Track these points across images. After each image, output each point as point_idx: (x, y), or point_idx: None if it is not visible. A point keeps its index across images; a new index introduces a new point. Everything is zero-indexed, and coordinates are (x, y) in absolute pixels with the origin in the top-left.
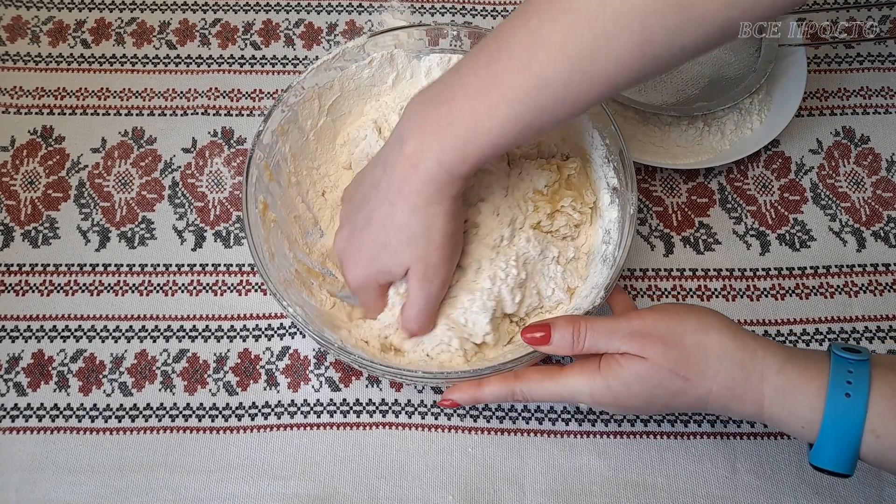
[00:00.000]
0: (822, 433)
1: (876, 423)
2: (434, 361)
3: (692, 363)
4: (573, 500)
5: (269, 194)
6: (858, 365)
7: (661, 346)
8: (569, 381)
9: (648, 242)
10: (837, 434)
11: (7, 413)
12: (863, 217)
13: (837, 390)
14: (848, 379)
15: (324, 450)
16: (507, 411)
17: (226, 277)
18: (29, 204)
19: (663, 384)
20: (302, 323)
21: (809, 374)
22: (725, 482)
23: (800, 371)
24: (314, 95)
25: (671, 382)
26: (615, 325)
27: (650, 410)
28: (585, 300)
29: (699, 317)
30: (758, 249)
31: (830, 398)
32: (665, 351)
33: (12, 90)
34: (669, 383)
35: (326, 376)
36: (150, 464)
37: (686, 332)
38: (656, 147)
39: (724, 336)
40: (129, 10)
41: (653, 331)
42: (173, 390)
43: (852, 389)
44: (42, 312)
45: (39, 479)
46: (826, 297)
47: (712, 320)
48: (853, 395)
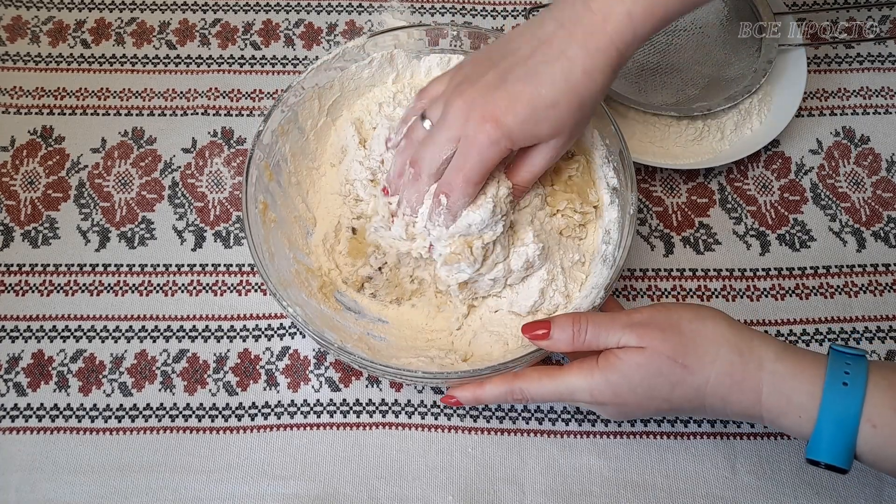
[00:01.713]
0: (819, 421)
1: (873, 414)
2: (434, 362)
3: (690, 349)
4: (573, 500)
5: (268, 194)
6: (856, 359)
7: (660, 334)
8: (568, 378)
9: (648, 242)
10: (835, 423)
11: (7, 413)
12: (863, 217)
13: (835, 379)
14: (846, 370)
15: (324, 450)
16: (507, 412)
17: (226, 277)
18: (29, 204)
19: (662, 372)
20: (302, 323)
21: (807, 363)
22: (725, 482)
23: (797, 360)
24: (314, 95)
25: (670, 371)
26: (614, 317)
27: (649, 406)
28: (585, 300)
29: (697, 309)
30: (758, 249)
31: (828, 386)
32: (664, 338)
33: (12, 90)
34: (669, 371)
35: (326, 376)
36: (150, 464)
37: (683, 320)
38: (656, 147)
39: (721, 325)
40: (129, 10)
41: (651, 321)
42: (173, 390)
43: (850, 379)
44: (42, 312)
45: (39, 480)
46: (826, 297)
47: (709, 312)
48: (850, 385)
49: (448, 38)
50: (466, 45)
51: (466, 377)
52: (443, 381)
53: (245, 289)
